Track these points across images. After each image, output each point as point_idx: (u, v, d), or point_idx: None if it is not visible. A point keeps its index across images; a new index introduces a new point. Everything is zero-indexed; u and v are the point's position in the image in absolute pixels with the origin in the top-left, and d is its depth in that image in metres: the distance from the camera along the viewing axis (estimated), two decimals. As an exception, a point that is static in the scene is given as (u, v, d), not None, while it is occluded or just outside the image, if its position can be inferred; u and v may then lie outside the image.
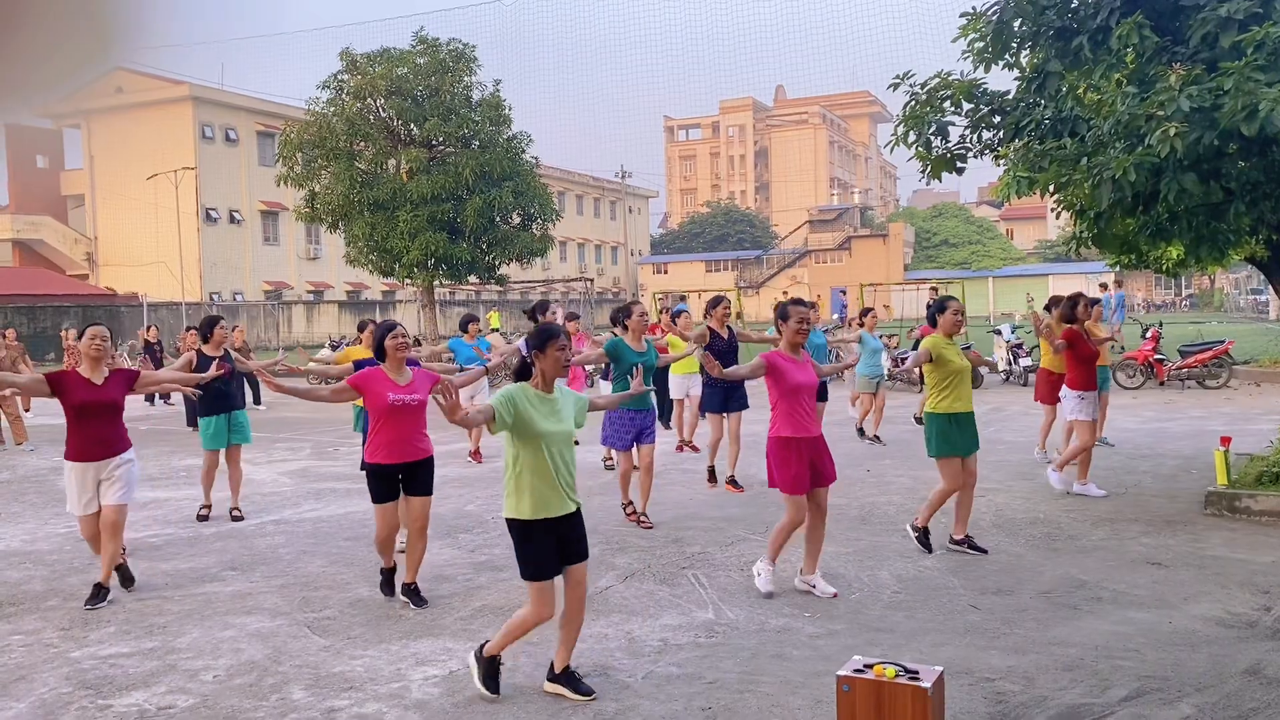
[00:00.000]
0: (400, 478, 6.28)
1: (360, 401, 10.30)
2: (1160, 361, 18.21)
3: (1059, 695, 4.61)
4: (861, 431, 13.06)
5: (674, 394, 12.60)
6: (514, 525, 4.67)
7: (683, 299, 31.69)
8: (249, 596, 6.68)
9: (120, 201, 48.77)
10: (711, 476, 10.04)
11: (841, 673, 3.87)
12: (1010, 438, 12.85)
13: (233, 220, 50.21)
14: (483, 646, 4.86)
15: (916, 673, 3.79)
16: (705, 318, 10.19)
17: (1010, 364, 20.03)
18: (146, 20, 1.62)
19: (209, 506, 9.31)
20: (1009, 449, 11.98)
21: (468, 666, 4.95)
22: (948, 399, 7.18)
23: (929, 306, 7.86)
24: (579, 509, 4.80)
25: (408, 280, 28.33)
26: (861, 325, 13.31)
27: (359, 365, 7.45)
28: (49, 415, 19.29)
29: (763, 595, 6.26)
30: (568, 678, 4.77)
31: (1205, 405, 15.70)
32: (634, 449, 8.52)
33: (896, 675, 3.76)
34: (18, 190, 50.97)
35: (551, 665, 4.85)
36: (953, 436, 7.16)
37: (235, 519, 9.20)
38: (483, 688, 4.75)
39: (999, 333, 21.36)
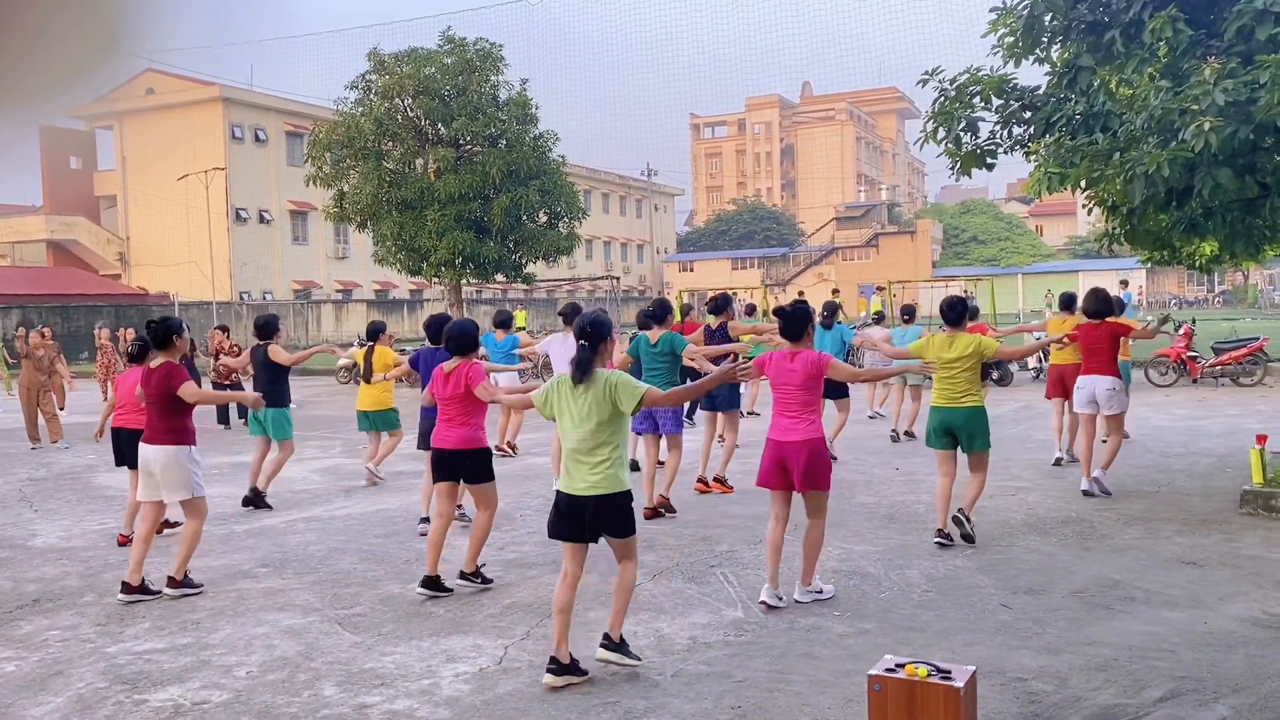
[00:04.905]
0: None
1: (380, 404, 10.56)
2: (1193, 359, 18.00)
3: (1093, 696, 4.57)
4: (896, 435, 12.88)
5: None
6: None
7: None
8: (281, 593, 6.74)
9: (152, 202, 49.30)
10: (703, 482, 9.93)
11: (873, 672, 3.85)
12: (1040, 436, 12.74)
13: (262, 220, 50.62)
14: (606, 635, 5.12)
15: (949, 672, 3.77)
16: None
17: (1040, 361, 19.86)
18: (151, 19, 1.63)
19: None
20: (1039, 446, 11.88)
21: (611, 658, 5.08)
22: None
23: (957, 306, 7.65)
24: (599, 495, 4.98)
25: (435, 279, 28.44)
26: (908, 322, 13.36)
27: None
28: (83, 413, 19.54)
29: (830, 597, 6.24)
30: (614, 645, 5.07)
31: (1240, 403, 15.51)
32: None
33: (929, 675, 3.74)
34: (52, 191, 51.62)
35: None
36: None
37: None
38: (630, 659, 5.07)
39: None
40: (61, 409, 16.28)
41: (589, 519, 4.96)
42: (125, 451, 8.53)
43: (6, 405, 20.18)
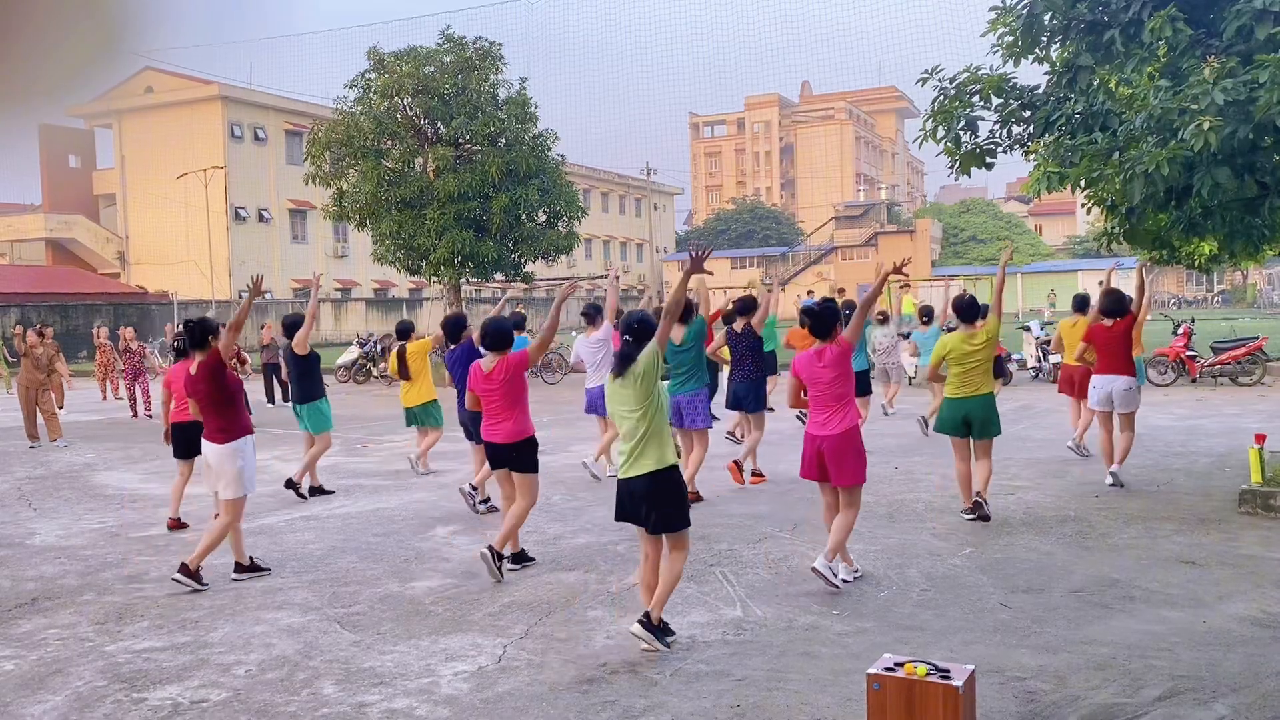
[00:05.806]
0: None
1: (419, 399, 10.65)
2: (1192, 358, 18.01)
3: (1091, 695, 4.57)
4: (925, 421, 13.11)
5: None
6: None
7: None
8: (279, 592, 6.74)
9: (151, 200, 49.26)
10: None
11: (872, 671, 3.85)
12: (1039, 435, 12.75)
13: (261, 219, 50.59)
14: (646, 616, 5.33)
15: (947, 671, 3.77)
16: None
17: (1040, 360, 19.87)
18: (152, 17, 1.63)
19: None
20: (1038, 446, 11.88)
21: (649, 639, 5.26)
22: None
23: (973, 304, 8.28)
24: (643, 475, 5.29)
25: (435, 278, 28.42)
26: (927, 324, 14.45)
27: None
28: (82, 412, 19.53)
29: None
30: (649, 626, 5.28)
31: (1239, 402, 15.51)
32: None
33: (927, 674, 3.74)
34: (51, 190, 51.57)
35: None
36: None
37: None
38: (661, 644, 5.27)
39: (1028, 329, 21.20)
40: (60, 408, 16.26)
41: (643, 500, 5.27)
42: (189, 443, 8.61)
43: (6, 404, 20.13)
